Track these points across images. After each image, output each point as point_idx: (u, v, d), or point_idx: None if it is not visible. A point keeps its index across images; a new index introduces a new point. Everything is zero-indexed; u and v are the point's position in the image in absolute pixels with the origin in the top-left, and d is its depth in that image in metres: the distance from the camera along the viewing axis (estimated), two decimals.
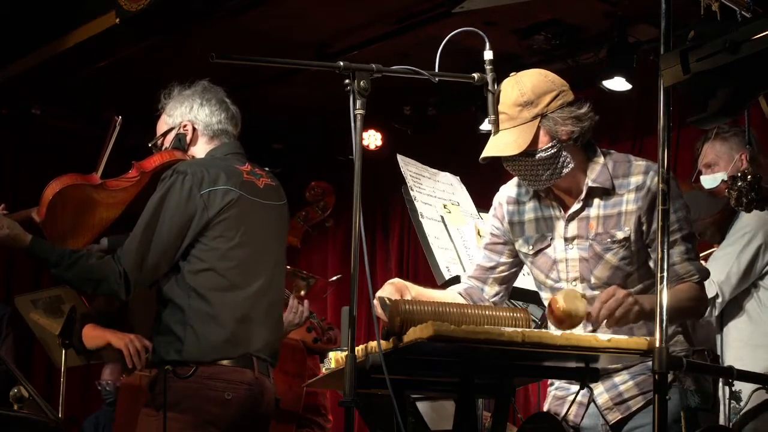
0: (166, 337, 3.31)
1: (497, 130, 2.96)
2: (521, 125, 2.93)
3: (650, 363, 2.92)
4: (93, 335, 4.29)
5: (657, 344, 2.37)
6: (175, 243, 3.28)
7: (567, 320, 2.71)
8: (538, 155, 2.93)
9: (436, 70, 2.88)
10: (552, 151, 2.93)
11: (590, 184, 2.99)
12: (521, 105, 2.93)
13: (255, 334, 3.33)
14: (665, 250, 2.39)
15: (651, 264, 2.99)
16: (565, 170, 2.96)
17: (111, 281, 3.23)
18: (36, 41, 6.64)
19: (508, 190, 3.19)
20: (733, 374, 2.78)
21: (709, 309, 3.87)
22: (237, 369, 3.27)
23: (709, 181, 4.21)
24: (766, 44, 2.17)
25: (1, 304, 6.09)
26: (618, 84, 6.31)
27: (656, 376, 2.37)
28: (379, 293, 2.81)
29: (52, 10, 6.33)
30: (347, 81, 2.68)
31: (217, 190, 3.31)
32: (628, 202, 2.96)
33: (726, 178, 4.13)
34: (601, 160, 3.01)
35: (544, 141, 2.93)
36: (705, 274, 2.99)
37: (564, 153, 2.95)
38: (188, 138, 3.52)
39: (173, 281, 3.32)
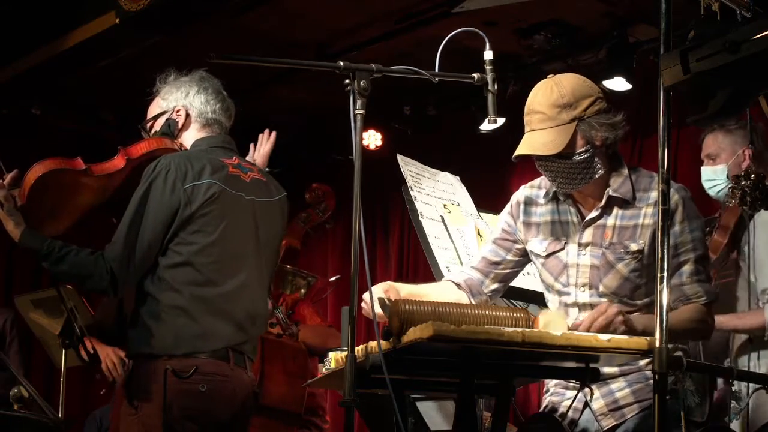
0: (138, 330, 3.26)
1: (531, 129, 2.98)
2: (558, 126, 2.95)
3: (648, 372, 2.95)
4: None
5: (657, 344, 2.36)
6: (159, 237, 3.24)
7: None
8: (574, 158, 2.95)
9: (436, 70, 2.88)
10: (586, 155, 2.96)
11: (611, 193, 3.01)
12: (560, 106, 2.95)
13: (230, 330, 3.28)
14: (665, 250, 2.39)
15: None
16: (596, 176, 2.99)
17: (97, 278, 3.20)
18: (36, 41, 6.63)
19: (527, 190, 3.20)
20: (733, 374, 2.78)
21: None
22: (212, 361, 3.23)
23: (709, 173, 4.18)
24: (766, 44, 2.17)
25: (3, 309, 6.09)
26: (618, 84, 6.31)
27: (656, 376, 2.37)
28: (365, 295, 2.80)
29: (52, 10, 6.32)
30: (347, 81, 2.68)
31: (201, 184, 3.27)
32: (646, 216, 2.98)
33: (727, 172, 4.11)
34: (626, 172, 3.04)
35: (579, 144, 2.96)
36: (712, 296, 3.00)
37: (596, 159, 2.98)
38: (180, 124, 3.48)
39: (149, 274, 3.27)
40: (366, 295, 2.77)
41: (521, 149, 2.98)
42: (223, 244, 3.30)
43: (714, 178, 4.16)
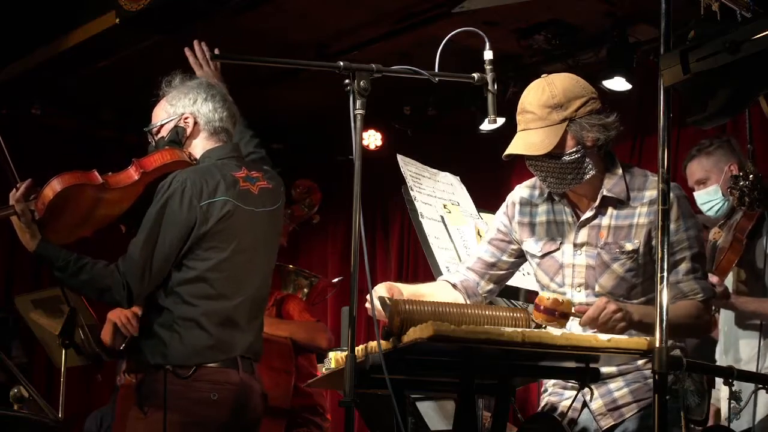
0: (151, 341, 3.30)
1: (522, 129, 2.98)
2: (549, 127, 2.95)
3: (646, 371, 2.95)
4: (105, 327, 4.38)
5: (657, 344, 2.36)
6: (174, 253, 3.28)
7: (557, 308, 2.70)
8: (564, 158, 2.95)
9: (436, 70, 2.88)
10: (576, 156, 2.96)
11: (605, 193, 3.01)
12: (551, 107, 2.95)
13: (240, 338, 3.32)
14: (665, 250, 2.39)
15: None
16: (587, 176, 2.98)
17: (114, 292, 3.24)
18: (36, 41, 6.64)
19: (522, 190, 3.20)
20: (733, 374, 2.78)
21: None
22: (221, 370, 3.26)
23: (703, 196, 4.19)
24: (766, 44, 2.17)
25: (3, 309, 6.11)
26: (618, 84, 6.31)
27: (656, 376, 2.37)
28: (369, 296, 2.80)
29: (52, 10, 6.32)
30: (347, 81, 2.69)
31: (216, 201, 3.30)
32: (641, 215, 2.98)
33: (721, 191, 4.12)
34: (620, 171, 3.04)
35: (569, 145, 2.96)
36: (710, 293, 3.00)
37: (587, 159, 2.97)
38: (188, 131, 3.47)
39: (161, 287, 3.31)
40: (371, 296, 2.77)
41: (511, 149, 2.98)
42: (235, 259, 3.33)
43: (709, 199, 4.18)
